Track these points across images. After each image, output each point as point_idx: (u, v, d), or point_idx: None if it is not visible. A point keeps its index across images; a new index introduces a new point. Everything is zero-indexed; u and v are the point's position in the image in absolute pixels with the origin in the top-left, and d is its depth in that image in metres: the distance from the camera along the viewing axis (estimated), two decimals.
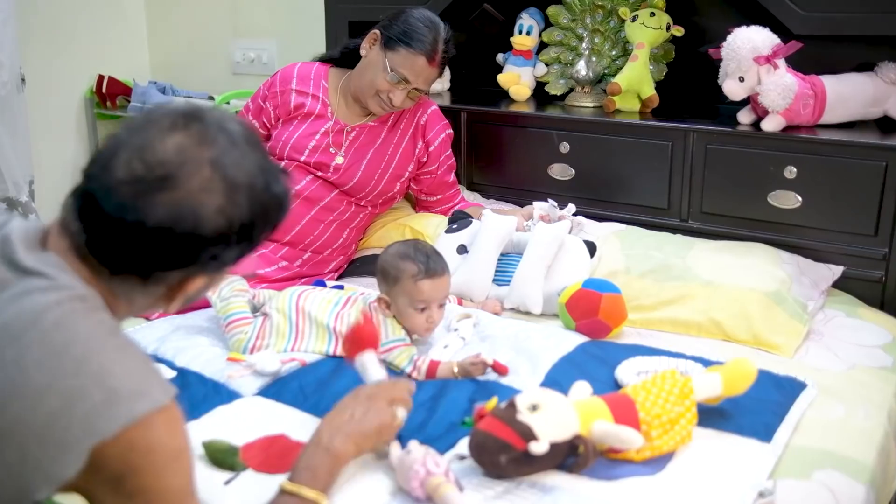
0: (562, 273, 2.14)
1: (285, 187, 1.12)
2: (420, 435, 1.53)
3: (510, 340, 1.92)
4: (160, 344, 1.94)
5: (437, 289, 1.84)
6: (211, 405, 1.67)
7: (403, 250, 1.86)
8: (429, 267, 1.83)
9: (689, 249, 2.24)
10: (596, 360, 1.83)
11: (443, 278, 1.85)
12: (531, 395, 1.42)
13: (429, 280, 1.83)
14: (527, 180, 2.66)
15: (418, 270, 1.82)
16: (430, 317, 1.85)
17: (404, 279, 1.83)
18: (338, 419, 1.39)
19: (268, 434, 1.55)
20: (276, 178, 1.11)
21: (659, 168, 2.44)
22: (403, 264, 1.84)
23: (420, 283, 1.82)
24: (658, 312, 2.08)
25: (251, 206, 1.06)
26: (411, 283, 1.83)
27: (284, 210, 1.12)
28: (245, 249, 1.09)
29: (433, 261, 1.85)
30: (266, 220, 1.09)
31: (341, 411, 1.40)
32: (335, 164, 2.39)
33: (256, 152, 1.09)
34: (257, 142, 1.11)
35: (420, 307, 1.84)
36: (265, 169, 1.09)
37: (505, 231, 2.23)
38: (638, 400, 1.46)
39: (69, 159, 3.60)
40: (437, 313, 1.87)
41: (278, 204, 1.11)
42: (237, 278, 2.05)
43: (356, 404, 1.41)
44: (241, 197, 1.04)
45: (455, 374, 1.79)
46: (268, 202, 1.08)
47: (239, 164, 1.05)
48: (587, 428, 1.40)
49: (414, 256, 1.84)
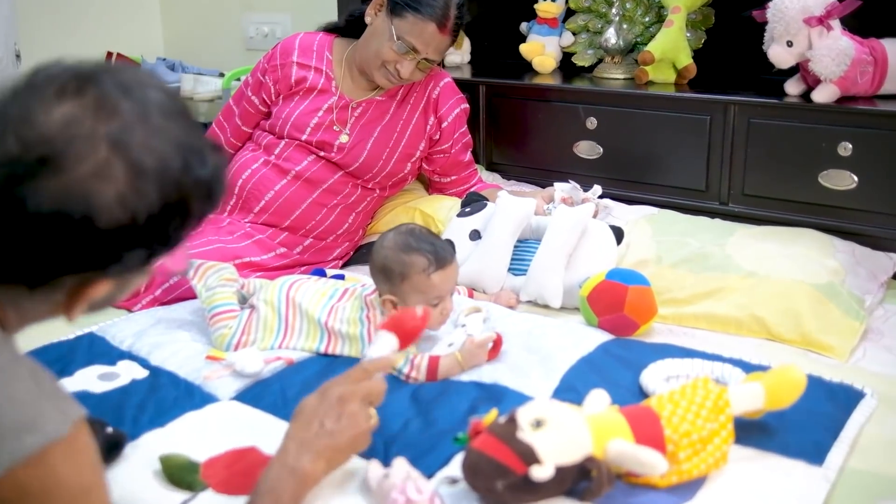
0: (585, 262, 1.92)
1: (214, 170, 0.91)
2: (408, 449, 1.33)
3: (522, 338, 1.71)
4: (136, 339, 1.76)
5: (450, 278, 1.67)
6: (179, 411, 1.49)
7: (404, 241, 1.66)
8: (438, 256, 1.64)
9: (728, 236, 2.01)
10: (619, 362, 1.61)
11: (453, 265, 1.67)
12: (535, 409, 1.20)
13: (441, 271, 1.64)
14: (551, 159, 2.46)
15: (429, 263, 1.63)
16: (444, 308, 1.67)
17: (414, 275, 1.63)
18: (305, 432, 1.19)
19: (236, 447, 1.36)
20: (201, 158, 0.90)
21: (696, 145, 2.23)
22: (409, 258, 1.64)
23: (433, 276, 1.63)
24: (692, 307, 1.86)
25: (163, 194, 0.85)
26: (424, 279, 1.63)
27: (214, 199, 0.92)
28: (159, 248, 0.89)
29: (440, 247, 1.65)
30: (185, 213, 0.89)
31: (308, 422, 1.20)
32: (339, 143, 2.19)
33: (175, 125, 0.88)
34: (179, 111, 0.90)
35: (435, 302, 1.65)
36: (186, 147, 0.88)
37: (522, 215, 2.01)
38: (663, 415, 1.24)
39: None
40: (450, 301, 1.69)
41: (204, 191, 0.90)
42: (226, 266, 1.86)
43: (326, 411, 1.21)
44: (148, 183, 0.84)
45: (461, 366, 1.59)
46: (188, 190, 0.88)
47: (147, 142, 0.84)
48: (602, 448, 1.19)
49: (418, 247, 1.64)
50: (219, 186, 0.93)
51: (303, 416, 1.21)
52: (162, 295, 1.98)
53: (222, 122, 2.38)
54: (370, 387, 1.24)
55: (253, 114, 2.31)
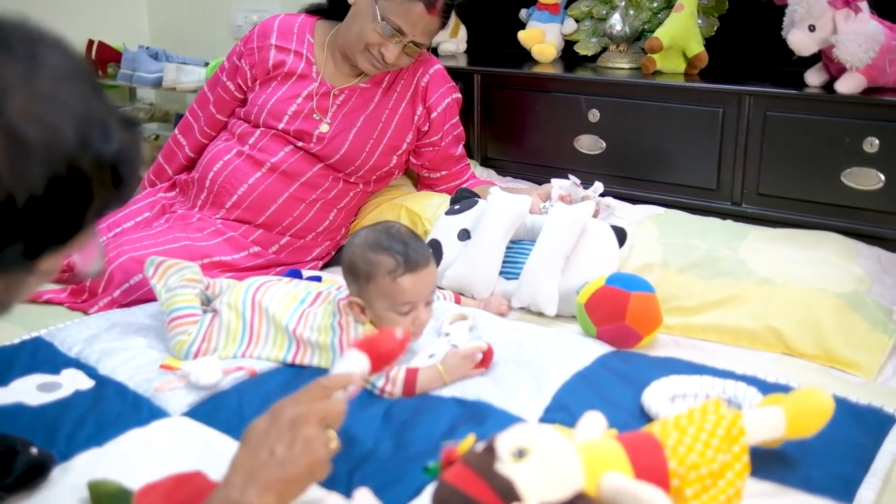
0: (583, 266, 1.75)
1: (122, 148, 0.75)
2: (374, 477, 1.17)
3: (512, 349, 1.54)
4: (86, 345, 1.59)
5: (422, 284, 1.46)
6: (122, 427, 1.33)
7: (374, 238, 1.49)
8: (408, 258, 1.45)
9: (741, 239, 1.84)
10: (619, 379, 1.44)
11: (427, 270, 1.47)
12: (517, 436, 1.03)
13: (411, 275, 1.45)
14: (549, 154, 2.31)
15: (396, 264, 1.45)
16: (416, 318, 1.48)
17: (380, 276, 1.46)
18: (253, 460, 1.02)
19: (179, 472, 1.19)
20: (104, 132, 0.74)
21: (707, 140, 2.08)
22: (376, 257, 1.46)
23: (400, 279, 1.45)
24: (701, 317, 1.69)
25: (50, 172, 0.69)
26: (389, 282, 1.45)
27: (122, 183, 0.76)
28: (48, 240, 0.72)
29: (413, 249, 1.46)
30: (83, 197, 0.72)
31: (256, 448, 1.03)
32: (318, 133, 2.02)
33: (72, 91, 0.72)
34: (80, 76, 0.74)
35: (404, 310, 1.46)
36: (83, 118, 0.72)
37: (515, 213, 1.83)
38: (668, 443, 1.07)
39: None
40: (425, 312, 1.49)
41: (108, 173, 0.74)
42: (189, 264, 1.70)
43: (277, 436, 1.04)
44: (29, 158, 0.68)
45: (443, 379, 1.42)
46: (85, 169, 0.72)
47: (31, 109, 0.69)
48: (594, 483, 1.01)
49: (388, 246, 1.46)
50: (128, 168, 0.77)
51: (251, 442, 1.04)
52: (121, 296, 1.82)
53: (196, 109, 2.21)
54: (327, 408, 1.07)
55: (228, 101, 2.15)
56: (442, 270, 1.86)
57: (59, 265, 0.80)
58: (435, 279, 1.51)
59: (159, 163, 2.26)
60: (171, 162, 2.23)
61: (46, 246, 0.74)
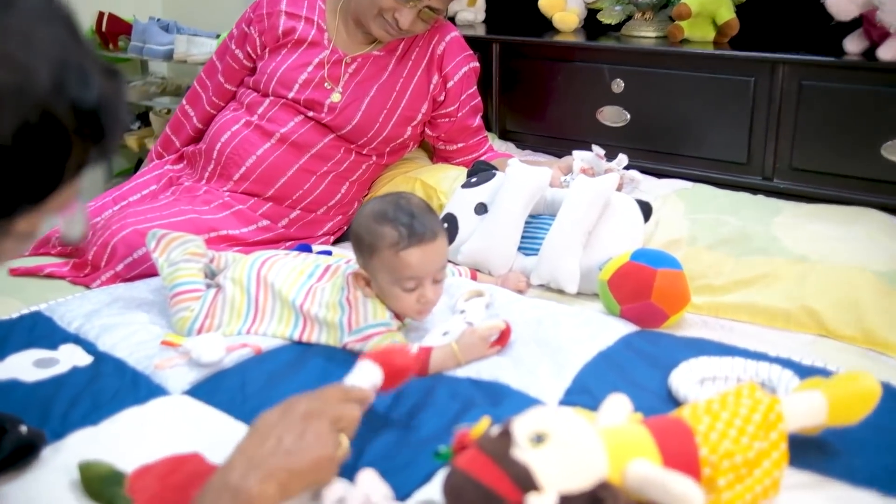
0: (606, 241, 1.67)
1: (104, 96, 0.68)
2: (381, 461, 1.09)
3: (531, 328, 1.45)
4: (86, 321, 1.53)
5: (429, 259, 1.38)
6: (119, 406, 1.26)
7: (380, 209, 1.41)
8: (413, 230, 1.36)
9: (774, 215, 1.75)
10: (644, 360, 1.36)
11: (434, 244, 1.38)
12: (536, 420, 0.95)
13: (416, 248, 1.36)
14: (571, 127, 2.21)
15: (399, 237, 1.36)
16: (422, 296, 1.39)
17: (384, 249, 1.38)
18: (257, 448, 0.95)
19: (176, 453, 1.12)
20: (82, 78, 0.67)
21: (737, 111, 1.98)
22: (380, 228, 1.38)
23: (404, 253, 1.36)
24: (732, 296, 1.60)
25: (22, 121, 0.62)
26: (392, 255, 1.37)
27: (104, 135, 0.69)
28: (24, 195, 0.65)
29: (420, 221, 1.38)
30: (60, 149, 0.65)
31: (264, 436, 0.96)
32: (330, 103, 1.94)
33: (48, 33, 0.66)
34: (57, 17, 0.68)
35: (409, 286, 1.38)
36: (60, 62, 0.65)
37: (534, 186, 1.75)
38: (699, 429, 0.98)
39: None
40: (432, 290, 1.41)
41: (87, 122, 0.67)
42: (193, 238, 1.62)
43: (287, 425, 0.97)
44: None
45: (458, 359, 1.34)
46: (62, 117, 0.65)
47: (2, 49, 0.61)
48: (619, 471, 0.93)
49: (394, 217, 1.38)
50: (110, 119, 0.70)
51: (259, 430, 0.98)
52: (124, 270, 1.75)
53: (204, 79, 2.14)
54: (343, 411, 1.00)
55: (237, 70, 2.07)
56: (458, 246, 1.78)
57: (38, 228, 0.73)
58: (444, 255, 1.42)
59: (167, 134, 2.19)
60: (178, 133, 2.16)
61: (20, 203, 0.66)
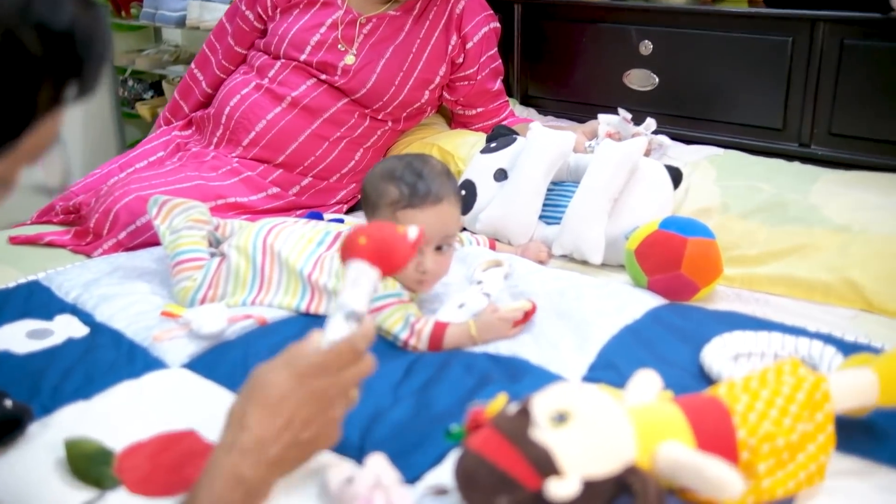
0: (633, 208, 1.57)
1: (78, 23, 0.61)
2: (390, 442, 1.01)
3: (552, 299, 1.37)
4: (84, 290, 1.46)
5: (428, 223, 1.28)
6: (113, 379, 1.18)
7: (391, 166, 1.33)
8: (415, 191, 1.28)
9: (812, 182, 1.65)
10: (673, 334, 1.27)
11: (437, 208, 1.30)
12: (558, 397, 0.86)
13: (415, 210, 1.29)
14: (596, 92, 2.11)
15: (399, 196, 1.29)
16: (421, 264, 1.31)
17: (383, 207, 1.31)
18: (271, 431, 0.84)
19: (171, 430, 1.05)
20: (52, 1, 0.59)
21: (773, 74, 1.87)
22: (384, 185, 1.31)
23: (402, 213, 1.29)
24: (767, 267, 1.50)
25: None
26: (389, 214, 1.30)
27: (82, 65, 0.62)
28: None
29: (426, 182, 1.29)
30: (28, 78, 0.59)
31: (276, 413, 0.84)
32: (344, 65, 1.85)
33: None
34: None
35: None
36: None
37: (557, 151, 1.65)
38: (737, 409, 0.89)
39: None
40: (433, 260, 1.32)
41: (60, 50, 0.60)
42: (196, 204, 1.55)
43: (298, 401, 0.85)
44: None
45: (474, 338, 1.26)
46: (27, 42, 0.58)
47: None
48: (649, 455, 0.85)
49: (400, 175, 1.30)
50: (85, 49, 0.62)
51: (269, 404, 0.84)
52: (126, 239, 1.68)
53: (213, 42, 2.05)
54: (360, 373, 0.89)
55: (247, 32, 1.98)
56: (476, 214, 1.69)
57: (14, 174, 0.66)
58: (449, 223, 1.32)
59: (175, 100, 2.11)
60: (187, 98, 2.08)
61: None
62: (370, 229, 0.93)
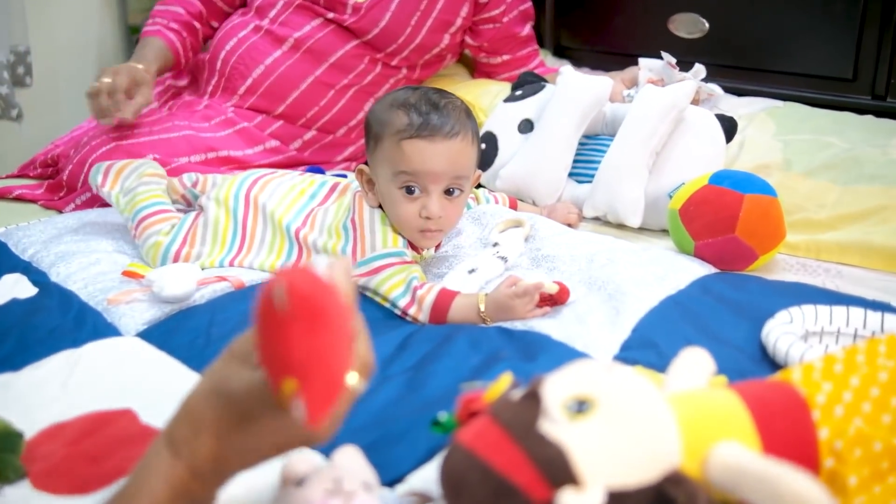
0: (678, 163, 1.35)
1: None
2: (370, 430, 0.81)
3: (579, 265, 1.16)
4: (42, 247, 1.29)
5: (436, 157, 1.10)
6: (51, 348, 1.01)
7: (404, 96, 1.15)
8: (428, 121, 1.09)
9: (891, 136, 1.43)
10: (727, 307, 1.05)
11: (448, 143, 1.10)
12: (577, 379, 0.65)
13: (423, 141, 1.09)
14: (637, 40, 1.90)
15: (408, 124, 1.10)
16: (426, 208, 1.11)
17: (387, 136, 1.12)
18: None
19: (104, 408, 0.85)
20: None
21: (842, 16, 1.64)
22: (391, 112, 1.12)
23: (406, 142, 1.09)
24: (837, 233, 1.29)
25: None
26: (394, 144, 1.11)
27: None
28: None
29: (442, 116, 1.10)
30: None
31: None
32: (354, 3, 1.64)
33: None
34: None
35: (403, 183, 1.11)
36: None
37: (591, 99, 1.43)
38: (817, 401, 0.67)
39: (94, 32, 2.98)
40: (440, 204, 1.12)
41: None
42: (144, 161, 1.38)
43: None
44: None
45: (483, 317, 1.05)
46: None
47: None
48: (697, 459, 0.63)
49: (413, 103, 1.12)
50: None
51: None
52: None
53: None
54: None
55: None
56: (496, 170, 1.48)
57: None
58: (460, 161, 1.12)
59: None
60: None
61: None
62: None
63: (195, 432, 0.59)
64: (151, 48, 1.61)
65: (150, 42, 1.63)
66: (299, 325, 0.51)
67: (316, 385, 0.51)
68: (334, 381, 0.52)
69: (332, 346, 0.52)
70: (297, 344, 0.51)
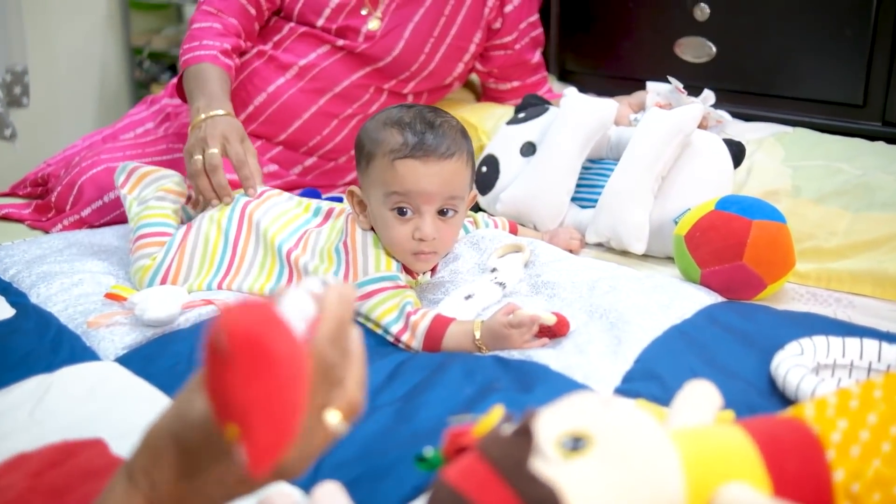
0: (684, 189, 1.31)
1: None
2: (353, 465, 0.76)
3: (580, 292, 1.11)
4: (24, 267, 1.25)
5: (430, 178, 1.06)
6: (23, 373, 0.97)
7: (398, 114, 1.11)
8: (422, 141, 1.06)
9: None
10: (734, 338, 1.00)
11: (442, 164, 1.06)
12: (573, 413, 0.61)
13: (416, 161, 1.05)
14: (644, 64, 1.86)
15: (402, 143, 1.06)
16: (419, 230, 1.07)
17: (379, 156, 1.08)
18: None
19: (72, 438, 0.81)
20: None
21: (853, 41, 1.59)
22: (384, 133, 1.08)
23: (399, 162, 1.05)
24: (848, 262, 1.24)
25: None
26: (386, 163, 1.07)
27: None
28: None
29: (437, 136, 1.07)
30: None
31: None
32: (367, 31, 1.60)
33: None
34: None
35: (395, 204, 1.07)
36: None
37: (596, 121, 1.39)
38: (832, 439, 0.62)
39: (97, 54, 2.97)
40: (434, 226, 1.08)
41: None
42: (171, 173, 1.33)
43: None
44: None
45: (479, 345, 1.00)
46: None
47: None
48: (703, 501, 0.58)
49: (407, 122, 1.07)
50: None
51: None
52: (91, 216, 1.46)
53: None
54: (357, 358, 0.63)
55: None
56: (497, 193, 1.44)
57: None
58: (454, 183, 1.08)
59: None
60: None
61: None
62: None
63: (154, 461, 0.54)
64: (216, 81, 1.42)
65: (212, 73, 1.43)
66: (240, 368, 0.46)
67: (258, 433, 0.46)
68: (280, 429, 0.47)
69: (277, 392, 0.47)
70: (237, 388, 0.46)
